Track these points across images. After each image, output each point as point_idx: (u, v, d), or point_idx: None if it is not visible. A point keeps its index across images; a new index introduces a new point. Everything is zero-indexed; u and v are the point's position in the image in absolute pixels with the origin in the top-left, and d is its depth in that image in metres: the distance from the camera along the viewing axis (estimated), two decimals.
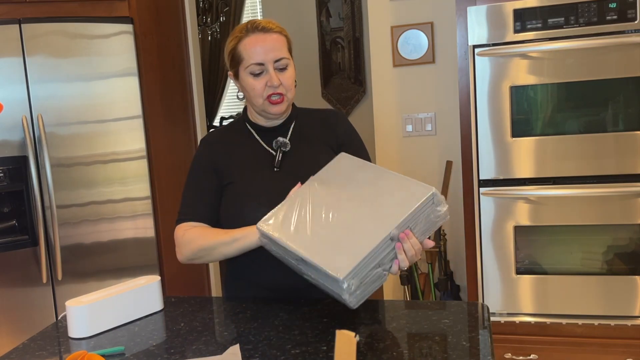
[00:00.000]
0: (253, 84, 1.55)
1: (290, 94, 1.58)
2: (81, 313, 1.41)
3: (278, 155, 1.60)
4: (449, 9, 2.88)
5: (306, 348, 1.26)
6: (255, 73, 1.54)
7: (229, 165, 1.61)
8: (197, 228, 1.59)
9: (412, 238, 1.30)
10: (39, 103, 2.57)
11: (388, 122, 3.03)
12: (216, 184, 1.61)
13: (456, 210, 2.95)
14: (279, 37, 1.55)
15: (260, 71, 1.54)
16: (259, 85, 1.54)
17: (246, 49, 1.54)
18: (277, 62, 1.53)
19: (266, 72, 1.54)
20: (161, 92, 2.94)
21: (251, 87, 1.56)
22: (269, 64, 1.53)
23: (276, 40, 1.54)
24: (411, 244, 1.30)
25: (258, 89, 1.55)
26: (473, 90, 2.35)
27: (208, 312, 1.54)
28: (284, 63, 1.54)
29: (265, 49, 1.52)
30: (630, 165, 2.24)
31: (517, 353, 2.40)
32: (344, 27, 4.69)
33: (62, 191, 2.63)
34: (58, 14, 2.60)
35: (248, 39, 1.54)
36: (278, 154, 1.61)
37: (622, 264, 2.30)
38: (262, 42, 1.53)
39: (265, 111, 1.59)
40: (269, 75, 1.53)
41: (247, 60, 1.54)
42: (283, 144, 1.61)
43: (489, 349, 1.22)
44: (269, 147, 1.63)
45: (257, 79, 1.54)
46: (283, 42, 1.56)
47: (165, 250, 2.86)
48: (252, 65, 1.53)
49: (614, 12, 2.17)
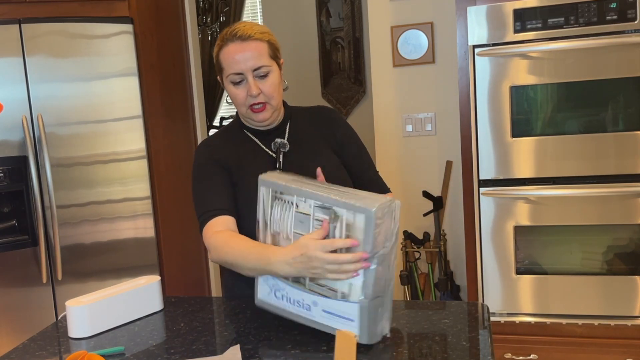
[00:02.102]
0: (235, 92, 1.55)
1: (274, 100, 1.55)
2: (81, 313, 1.41)
3: (279, 157, 1.60)
4: (449, 9, 2.88)
5: (306, 348, 1.26)
6: (236, 82, 1.53)
7: (233, 166, 1.60)
8: (226, 233, 1.46)
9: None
10: (39, 103, 2.57)
11: (388, 122, 3.03)
12: (227, 178, 1.59)
13: (456, 210, 2.95)
14: (258, 44, 1.52)
15: (240, 80, 1.52)
16: (241, 94, 1.54)
17: (225, 59, 1.53)
18: (256, 71, 1.51)
19: (246, 81, 1.52)
20: (161, 92, 2.94)
21: (234, 96, 1.56)
22: (248, 73, 1.51)
23: (255, 48, 1.51)
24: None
25: (240, 98, 1.54)
26: (473, 90, 2.35)
27: (208, 312, 1.54)
28: (264, 71, 1.52)
29: (244, 58, 1.50)
30: (630, 165, 2.24)
31: (517, 353, 2.40)
32: (344, 27, 4.69)
33: (62, 191, 2.63)
34: (58, 14, 2.60)
35: (227, 48, 1.52)
36: (278, 155, 1.61)
37: (622, 264, 2.30)
38: (240, 51, 1.50)
39: (250, 118, 1.59)
40: (248, 85, 1.52)
41: (227, 70, 1.53)
42: (282, 144, 1.61)
43: (489, 349, 1.22)
44: (268, 150, 1.63)
45: (238, 87, 1.54)
46: (263, 48, 1.52)
47: (165, 250, 2.86)
48: (232, 75, 1.52)
49: (614, 12, 2.17)
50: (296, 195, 1.30)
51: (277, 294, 1.36)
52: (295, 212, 1.30)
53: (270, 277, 1.36)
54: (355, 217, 1.20)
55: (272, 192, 1.35)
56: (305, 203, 1.28)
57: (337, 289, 1.24)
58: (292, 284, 1.33)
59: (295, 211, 1.30)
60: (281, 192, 1.33)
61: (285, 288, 1.34)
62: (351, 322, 1.24)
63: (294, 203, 1.30)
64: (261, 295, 1.41)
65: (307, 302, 1.30)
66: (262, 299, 1.41)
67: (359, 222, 1.19)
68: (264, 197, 1.37)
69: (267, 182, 1.36)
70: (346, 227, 1.21)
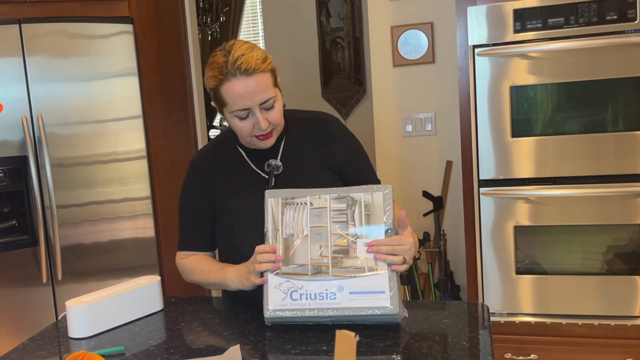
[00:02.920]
0: (240, 126, 1.49)
1: (279, 127, 1.52)
2: (81, 313, 1.41)
3: (271, 180, 1.56)
4: (449, 9, 2.88)
5: (306, 348, 1.26)
6: (242, 117, 1.47)
7: (221, 193, 1.59)
8: (190, 259, 1.65)
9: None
10: (39, 103, 2.57)
11: (388, 122, 3.03)
12: (209, 213, 1.62)
13: (456, 210, 2.95)
14: (263, 76, 1.44)
15: (246, 115, 1.47)
16: (247, 127, 1.48)
17: (229, 95, 1.44)
18: (263, 104, 1.46)
19: (252, 114, 1.46)
20: (161, 92, 2.94)
21: (238, 129, 1.50)
22: (255, 108, 1.45)
23: (260, 81, 1.43)
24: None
25: (246, 131, 1.49)
26: (473, 90, 2.35)
27: (208, 312, 1.54)
28: (271, 102, 1.47)
29: (250, 94, 1.43)
30: (630, 165, 2.24)
31: (517, 353, 2.40)
32: (344, 27, 4.69)
33: (62, 191, 2.63)
34: (58, 14, 2.60)
35: (230, 83, 1.43)
36: (271, 177, 1.57)
37: (622, 264, 2.30)
38: (245, 87, 1.42)
39: (254, 145, 1.55)
40: (255, 118, 1.46)
41: (232, 106, 1.46)
42: (275, 167, 1.57)
43: (489, 349, 1.22)
44: (260, 171, 1.59)
45: (243, 122, 1.48)
46: (267, 80, 1.45)
47: (165, 250, 2.86)
48: (237, 111, 1.46)
49: (614, 12, 2.17)
50: (309, 195, 1.40)
51: (293, 296, 1.35)
52: (310, 210, 1.40)
53: (284, 280, 1.36)
54: (373, 197, 1.37)
55: (281, 200, 1.41)
56: (320, 199, 1.39)
57: (364, 266, 1.34)
58: (311, 279, 1.35)
59: (310, 209, 1.40)
60: (292, 197, 1.40)
61: (303, 286, 1.35)
62: (382, 295, 1.31)
63: (307, 203, 1.39)
64: (273, 305, 1.36)
65: (332, 290, 1.34)
66: (274, 309, 1.35)
67: (377, 199, 1.37)
68: (272, 207, 1.42)
69: (274, 193, 1.43)
70: (365, 207, 1.37)
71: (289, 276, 1.36)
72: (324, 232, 1.38)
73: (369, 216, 1.37)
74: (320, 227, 1.38)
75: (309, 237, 1.38)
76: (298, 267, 1.36)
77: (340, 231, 1.37)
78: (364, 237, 1.36)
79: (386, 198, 1.37)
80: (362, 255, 1.35)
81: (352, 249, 1.36)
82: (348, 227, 1.37)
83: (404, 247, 1.35)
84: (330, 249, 1.36)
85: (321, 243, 1.37)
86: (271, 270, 1.37)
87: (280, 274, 1.37)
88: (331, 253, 1.36)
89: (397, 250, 1.34)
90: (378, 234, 1.36)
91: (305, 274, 1.35)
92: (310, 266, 1.36)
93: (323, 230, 1.38)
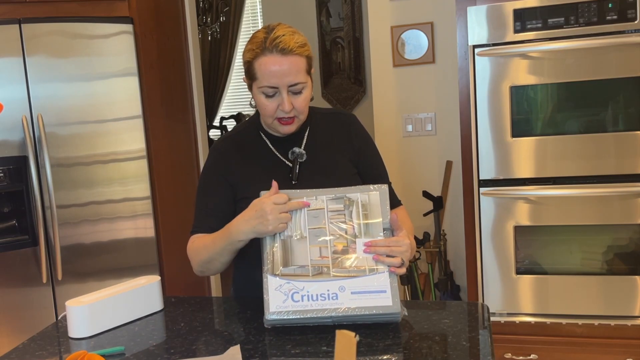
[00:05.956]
0: (265, 103, 1.49)
1: (302, 115, 1.53)
2: (81, 313, 1.41)
3: (295, 168, 1.57)
4: (449, 9, 2.88)
5: (306, 348, 1.26)
6: (268, 95, 1.48)
7: (243, 179, 1.58)
8: (196, 241, 1.57)
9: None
10: (39, 103, 2.57)
11: (388, 122, 3.03)
12: (230, 196, 1.58)
13: (456, 210, 2.95)
14: (298, 59, 1.45)
15: (274, 93, 1.47)
16: (271, 106, 1.49)
17: (261, 69, 1.46)
18: (292, 87, 1.46)
19: (279, 95, 1.47)
20: (161, 92, 2.94)
21: (262, 107, 1.51)
22: (283, 89, 1.46)
23: (294, 63, 1.45)
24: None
25: (269, 110, 1.50)
26: (473, 90, 2.35)
27: (208, 312, 1.54)
28: (300, 87, 1.47)
29: (281, 73, 1.44)
30: (630, 165, 2.24)
31: (517, 353, 2.40)
32: (344, 27, 4.69)
33: (62, 191, 2.62)
34: (58, 14, 2.59)
35: (265, 58, 1.45)
36: (295, 165, 1.57)
37: (622, 264, 2.30)
38: (278, 64, 1.43)
39: (274, 129, 1.56)
40: (281, 99, 1.47)
41: (261, 81, 1.47)
42: (299, 154, 1.57)
43: (489, 349, 1.22)
44: (284, 158, 1.59)
45: (269, 100, 1.48)
46: (302, 64, 1.46)
47: (165, 250, 2.86)
48: (265, 87, 1.46)
49: (614, 12, 2.17)
50: (305, 197, 1.40)
51: (294, 298, 1.35)
52: (307, 211, 1.40)
53: (285, 282, 1.36)
54: (370, 197, 1.39)
55: None
56: (317, 200, 1.40)
57: (365, 266, 1.34)
58: (312, 279, 1.35)
59: (307, 210, 1.40)
60: (289, 199, 1.40)
61: (304, 287, 1.34)
62: (383, 294, 1.32)
63: None
64: (274, 307, 1.35)
65: (333, 290, 1.34)
66: (275, 311, 1.34)
67: (374, 199, 1.39)
68: None
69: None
70: (362, 207, 1.38)
71: (290, 278, 1.36)
72: (323, 233, 1.38)
73: (367, 216, 1.38)
74: (318, 228, 1.38)
75: (308, 238, 1.38)
76: (298, 269, 1.36)
77: (339, 231, 1.37)
78: (362, 236, 1.37)
79: (382, 197, 1.39)
80: (361, 255, 1.36)
81: (352, 249, 1.36)
82: (346, 228, 1.38)
83: (401, 248, 1.35)
84: (330, 250, 1.36)
85: (320, 244, 1.37)
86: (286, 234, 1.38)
87: (280, 276, 1.36)
88: (331, 254, 1.36)
89: (394, 251, 1.35)
90: (376, 234, 1.36)
91: (306, 275, 1.35)
92: (310, 267, 1.36)
93: (322, 231, 1.38)
